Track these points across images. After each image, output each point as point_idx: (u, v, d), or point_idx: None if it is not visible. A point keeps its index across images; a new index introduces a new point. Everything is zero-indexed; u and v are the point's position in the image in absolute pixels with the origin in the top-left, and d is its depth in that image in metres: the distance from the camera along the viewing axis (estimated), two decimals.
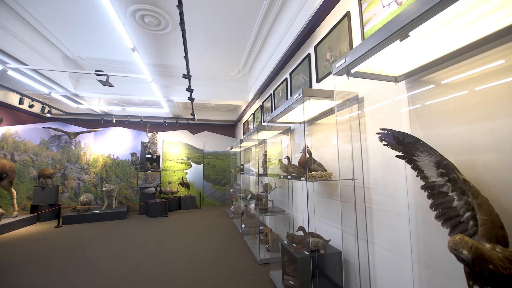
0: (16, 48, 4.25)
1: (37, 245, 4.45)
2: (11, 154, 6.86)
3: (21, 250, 4.15)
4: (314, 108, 2.61)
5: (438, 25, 1.12)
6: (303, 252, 2.46)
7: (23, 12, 3.99)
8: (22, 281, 3.01)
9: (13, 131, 6.94)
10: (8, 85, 5.44)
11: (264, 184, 4.40)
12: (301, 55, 3.70)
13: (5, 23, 3.94)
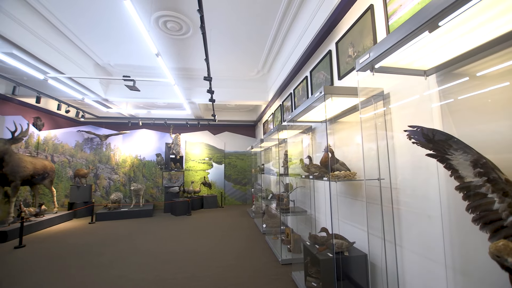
0: (55, 58, 4.63)
1: (74, 239, 4.82)
2: (51, 155, 7.49)
3: (62, 244, 4.51)
4: (336, 106, 2.54)
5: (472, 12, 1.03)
6: (326, 253, 2.40)
7: (60, 24, 4.33)
8: (64, 271, 3.28)
9: (52, 134, 7.58)
10: (48, 93, 5.96)
11: (285, 184, 4.36)
12: (322, 52, 3.62)
13: (45, 36, 4.31)
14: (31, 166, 5.63)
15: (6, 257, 3.89)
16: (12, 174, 5.11)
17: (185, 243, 4.45)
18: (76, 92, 5.99)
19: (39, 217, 5.88)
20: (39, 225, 5.61)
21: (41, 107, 7.00)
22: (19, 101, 6.48)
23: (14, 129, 5.24)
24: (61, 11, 3.99)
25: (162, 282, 2.95)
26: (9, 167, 5.06)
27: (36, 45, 4.19)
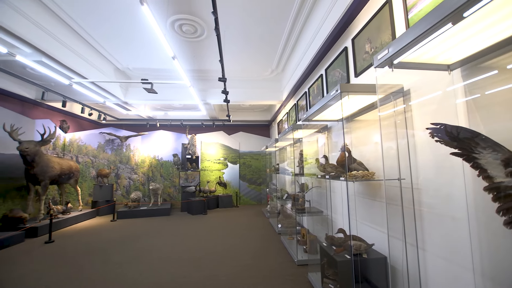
0: (78, 64, 4.88)
1: (98, 236, 5.06)
2: (76, 156, 7.91)
3: (86, 240, 4.76)
4: (353, 104, 2.48)
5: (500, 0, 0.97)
6: (343, 255, 2.35)
7: (83, 32, 4.56)
8: (88, 266, 3.45)
9: (77, 136, 8.00)
10: (73, 97, 6.30)
11: (300, 184, 4.32)
12: (337, 50, 3.54)
13: (70, 43, 4.56)
14: (58, 167, 5.97)
15: (38, 251, 4.16)
16: (41, 174, 5.45)
17: (201, 242, 4.53)
18: (98, 96, 6.28)
19: (66, 214, 6.23)
20: (66, 222, 5.94)
21: (66, 110, 7.41)
22: (47, 106, 6.90)
23: (43, 131, 5.59)
24: (84, 19, 4.20)
25: (180, 279, 3.02)
26: (39, 167, 5.40)
27: (62, 52, 4.45)
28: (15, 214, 5.10)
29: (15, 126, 5.35)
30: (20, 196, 5.81)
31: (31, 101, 6.35)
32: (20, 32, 3.58)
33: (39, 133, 5.67)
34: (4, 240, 4.34)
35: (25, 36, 3.66)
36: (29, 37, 3.72)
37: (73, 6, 3.85)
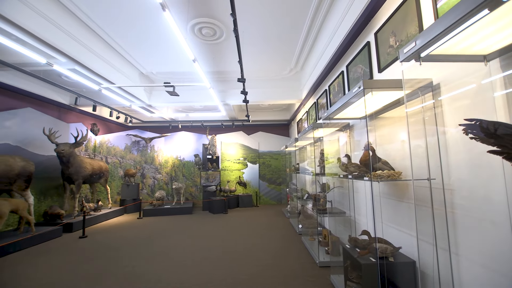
0: (107, 70, 5.19)
1: (126, 232, 5.34)
2: (105, 157, 8.42)
3: (115, 236, 5.04)
4: (376, 101, 2.38)
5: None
6: (368, 258, 2.26)
7: (110, 39, 4.84)
8: (118, 260, 3.66)
9: (106, 138, 8.51)
10: (102, 101, 6.71)
11: (321, 184, 4.23)
12: (359, 45, 3.42)
13: (99, 51, 4.86)
14: (90, 167, 6.39)
15: (74, 245, 4.48)
16: (75, 173, 5.87)
17: (223, 240, 4.60)
18: (124, 100, 6.63)
19: (97, 211, 6.65)
20: (97, 218, 6.34)
21: (96, 114, 7.91)
22: (80, 110, 7.42)
23: (77, 134, 6.02)
24: (111, 28, 4.45)
25: (203, 276, 3.09)
26: (73, 167, 5.82)
27: (93, 60, 4.75)
28: (54, 210, 5.54)
29: (53, 130, 5.80)
30: (58, 194, 6.30)
31: (66, 106, 6.86)
32: (57, 43, 3.88)
33: (73, 136, 6.11)
34: (45, 234, 4.74)
35: (61, 46, 3.96)
36: (64, 48, 4.02)
37: (101, 17, 4.10)
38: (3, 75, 5.00)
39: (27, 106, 5.74)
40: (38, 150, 5.78)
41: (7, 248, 4.03)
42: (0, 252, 3.92)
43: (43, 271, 3.34)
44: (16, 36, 3.54)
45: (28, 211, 4.81)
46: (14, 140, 5.26)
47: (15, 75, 5.17)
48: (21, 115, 5.44)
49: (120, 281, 3.02)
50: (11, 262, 3.70)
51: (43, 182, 5.90)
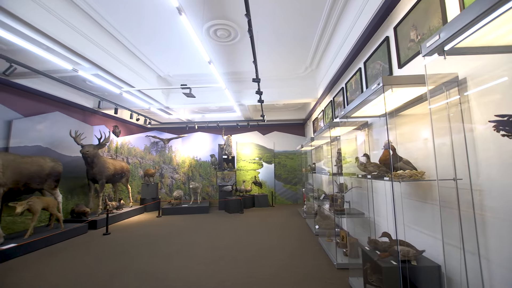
0: (127, 74, 5.40)
1: (146, 230, 5.53)
2: (127, 158, 8.77)
3: (136, 233, 5.24)
4: (397, 98, 2.29)
5: None
6: (389, 261, 2.18)
7: (129, 44, 5.03)
8: (139, 257, 3.80)
9: (127, 140, 8.86)
10: (123, 104, 7.00)
11: (338, 184, 4.14)
12: (377, 40, 3.31)
13: (120, 56, 5.07)
14: (112, 167, 6.69)
15: (98, 241, 4.71)
16: (99, 173, 6.16)
17: (239, 240, 4.63)
18: (143, 102, 6.87)
19: (119, 210, 6.95)
20: (120, 216, 6.62)
21: (118, 117, 8.26)
22: (102, 113, 7.78)
23: (100, 136, 6.32)
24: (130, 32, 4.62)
25: (220, 275, 3.13)
26: (97, 168, 6.12)
27: (114, 65, 4.96)
28: (80, 208, 5.85)
29: (78, 132, 6.13)
30: (83, 193, 6.65)
31: (90, 109, 7.23)
32: (81, 50, 4.09)
33: (97, 138, 6.43)
34: (72, 230, 5.03)
35: (85, 53, 4.17)
36: (88, 54, 4.23)
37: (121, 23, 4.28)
38: (35, 82, 5.35)
39: (56, 110, 6.11)
40: (65, 151, 6.14)
41: (40, 243, 4.32)
42: (34, 246, 4.21)
43: (71, 265, 3.54)
44: (46, 45, 3.77)
45: (57, 209, 5.12)
46: (45, 142, 5.62)
47: (45, 81, 5.52)
48: (50, 119, 5.81)
49: (141, 277, 3.13)
50: (45, 255, 3.96)
51: (70, 181, 6.25)
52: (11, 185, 4.25)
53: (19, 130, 5.07)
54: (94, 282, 3.00)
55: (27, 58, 4.54)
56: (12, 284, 3.00)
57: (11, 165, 4.26)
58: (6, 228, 4.65)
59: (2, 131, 4.83)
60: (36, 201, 4.39)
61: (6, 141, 4.88)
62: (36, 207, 4.35)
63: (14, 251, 3.93)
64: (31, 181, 4.60)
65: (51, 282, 3.04)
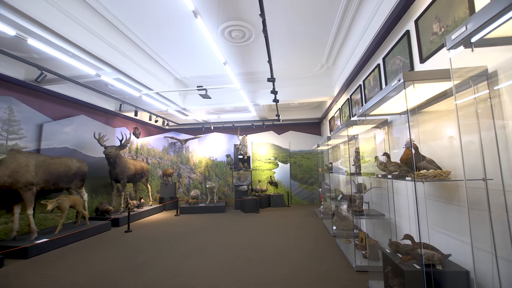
0: (146, 78, 5.60)
1: (165, 228, 5.70)
2: (146, 158, 9.08)
3: (156, 231, 5.42)
4: (419, 94, 2.19)
5: None
6: (412, 265, 2.09)
7: (148, 49, 5.20)
8: (159, 254, 3.93)
9: (146, 141, 9.18)
10: (142, 107, 7.26)
11: (357, 184, 4.03)
12: (397, 35, 3.18)
13: (139, 60, 5.26)
14: (133, 167, 6.96)
15: (120, 238, 4.92)
16: (121, 173, 6.44)
17: (255, 239, 4.64)
18: (161, 104, 7.08)
19: (140, 208, 7.21)
20: (140, 215, 6.87)
21: (137, 119, 8.59)
22: (123, 116, 8.12)
23: (121, 138, 6.59)
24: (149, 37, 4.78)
25: (236, 274, 3.16)
26: (119, 168, 6.39)
27: (134, 69, 5.16)
28: (104, 207, 6.14)
29: (101, 134, 6.44)
30: (106, 192, 6.97)
31: (112, 112, 7.57)
32: (103, 55, 4.29)
33: (118, 139, 6.71)
34: (97, 227, 5.29)
35: (107, 58, 4.37)
36: (109, 59, 4.43)
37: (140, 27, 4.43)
38: (62, 87, 5.69)
39: (81, 113, 6.46)
40: (90, 152, 6.47)
41: (68, 239, 4.59)
42: (63, 242, 4.48)
43: (96, 260, 3.73)
44: (72, 52, 4.00)
45: (83, 207, 5.40)
46: (71, 143, 5.96)
47: (71, 86, 5.85)
48: (76, 122, 6.15)
49: (161, 273, 3.23)
50: (73, 250, 4.21)
51: (94, 181, 6.58)
52: (43, 184, 4.55)
53: (49, 133, 5.42)
54: (119, 277, 3.14)
55: (55, 65, 4.85)
56: (44, 276, 3.21)
57: (42, 166, 4.56)
58: (39, 224, 4.99)
59: (34, 134, 5.18)
60: (64, 199, 4.67)
61: (38, 143, 5.24)
62: (64, 205, 4.63)
63: (46, 245, 4.20)
64: (59, 180, 4.89)
65: (78, 276, 3.22)
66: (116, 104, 7.49)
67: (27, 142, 5.02)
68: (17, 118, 4.87)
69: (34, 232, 4.31)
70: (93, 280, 3.09)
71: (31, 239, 4.19)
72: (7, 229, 4.46)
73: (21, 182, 4.16)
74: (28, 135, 5.06)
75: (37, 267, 3.53)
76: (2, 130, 4.60)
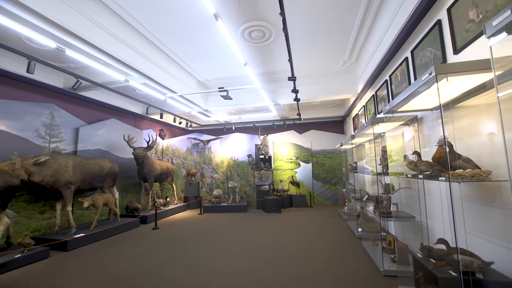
0: (170, 81, 5.82)
1: (190, 226, 5.89)
2: (171, 159, 9.45)
3: (181, 229, 5.61)
4: (453, 88, 2.03)
5: None
6: (447, 271, 1.95)
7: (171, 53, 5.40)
8: (185, 251, 4.07)
9: (171, 142, 9.55)
10: (167, 109, 7.56)
11: (384, 184, 3.84)
12: (426, 26, 2.98)
13: (164, 65, 5.49)
14: (159, 167, 7.27)
15: (148, 235, 5.17)
16: (148, 173, 6.76)
17: (277, 239, 4.62)
18: (185, 106, 7.33)
19: (166, 207, 7.52)
20: (166, 213, 7.17)
21: (163, 121, 8.96)
22: (150, 118, 8.52)
23: (148, 139, 6.92)
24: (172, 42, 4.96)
25: (259, 273, 3.17)
26: (147, 168, 6.71)
27: (158, 73, 5.40)
28: (133, 205, 6.50)
29: (130, 136, 6.81)
30: (135, 191, 7.37)
31: (140, 115, 7.98)
32: (131, 62, 4.54)
33: (145, 141, 7.06)
34: (127, 224, 5.61)
35: (134, 64, 4.61)
36: (136, 65, 4.68)
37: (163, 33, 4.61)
38: (95, 93, 6.12)
39: (112, 117, 6.89)
40: (120, 154, 6.88)
41: (102, 234, 4.92)
42: (98, 237, 4.82)
43: (127, 255, 3.95)
44: (104, 60, 4.28)
45: (115, 205, 5.76)
46: (104, 145, 6.39)
47: (102, 92, 6.27)
48: (108, 125, 6.57)
49: (186, 269, 3.34)
50: (106, 245, 4.50)
51: (124, 180, 6.98)
52: (80, 183, 4.92)
53: (84, 136, 5.85)
54: (148, 271, 3.30)
55: (89, 73, 5.23)
56: (83, 268, 3.47)
57: (79, 166, 4.94)
58: (77, 220, 5.41)
59: (72, 137, 5.63)
60: (98, 197, 5.01)
61: (75, 145, 5.68)
62: (98, 203, 4.97)
63: (83, 240, 4.54)
64: (94, 180, 5.26)
65: (111, 269, 3.44)
66: (143, 108, 7.88)
67: (66, 145, 5.47)
68: (57, 123, 5.33)
69: (73, 227, 4.68)
70: (125, 273, 3.28)
71: (71, 233, 4.55)
72: (50, 224, 4.91)
73: (62, 181, 4.53)
74: (66, 138, 5.51)
75: (76, 259, 3.83)
76: (45, 134, 5.06)
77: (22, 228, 4.48)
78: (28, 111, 4.80)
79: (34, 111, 4.90)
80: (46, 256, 3.92)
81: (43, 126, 5.03)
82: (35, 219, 4.71)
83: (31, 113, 4.84)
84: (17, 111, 4.63)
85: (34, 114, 4.90)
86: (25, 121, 4.73)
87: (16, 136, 4.59)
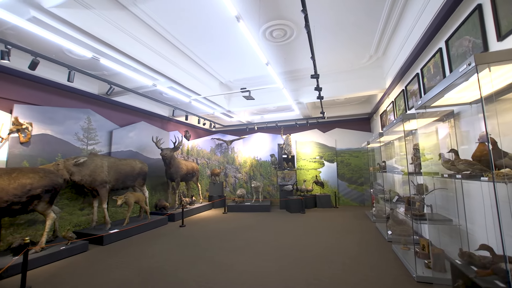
0: (194, 84, 6.01)
1: (215, 225, 6.03)
2: (196, 159, 9.75)
3: (207, 227, 5.77)
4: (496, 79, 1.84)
5: None
6: (492, 281, 1.77)
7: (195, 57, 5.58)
8: (210, 249, 4.17)
9: (196, 143, 9.85)
10: (191, 111, 7.82)
11: (416, 185, 3.61)
12: (464, 12, 2.74)
13: (187, 68, 5.68)
14: (185, 167, 7.54)
15: (176, 232, 5.39)
16: (175, 173, 7.04)
17: (301, 240, 4.55)
18: (209, 108, 7.52)
19: (191, 205, 7.77)
20: (192, 211, 7.41)
21: (188, 123, 9.28)
22: (176, 120, 8.87)
23: (175, 140, 7.21)
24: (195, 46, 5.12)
25: (283, 273, 3.14)
26: (174, 168, 7.00)
27: (183, 77, 5.60)
28: (161, 203, 6.81)
29: (158, 138, 7.15)
30: (163, 190, 7.71)
31: (166, 118, 8.35)
32: (158, 67, 4.76)
33: (172, 142, 7.37)
34: (156, 221, 5.90)
35: (161, 69, 4.84)
36: (163, 70, 4.90)
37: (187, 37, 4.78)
38: (126, 98, 6.53)
39: (141, 120, 7.29)
40: (149, 154, 7.26)
41: (134, 230, 5.23)
42: (130, 233, 5.13)
43: (157, 251, 4.15)
44: (134, 67, 4.55)
45: (145, 203, 6.08)
46: (135, 147, 6.78)
47: (133, 97, 6.66)
48: (138, 127, 6.96)
49: (212, 266, 3.42)
50: (137, 241, 4.78)
51: (153, 180, 7.35)
52: (114, 182, 5.28)
53: (117, 138, 6.26)
54: (176, 268, 3.44)
55: (120, 79, 5.59)
56: (117, 262, 3.72)
57: (113, 167, 5.30)
58: (111, 217, 5.81)
59: (106, 139, 6.06)
60: (130, 196, 5.33)
61: (109, 147, 6.10)
62: (130, 201, 5.29)
63: (117, 235, 4.86)
64: (126, 179, 5.61)
65: (142, 264, 3.63)
66: (169, 110, 8.24)
67: (101, 147, 5.90)
68: (94, 127, 5.76)
69: (108, 223, 5.03)
70: (154, 268, 3.45)
71: (106, 229, 4.90)
72: (89, 220, 5.33)
73: (98, 181, 4.90)
74: (102, 141, 5.93)
75: (111, 253, 4.11)
76: (84, 137, 5.50)
77: (65, 223, 4.92)
78: (69, 116, 5.26)
79: (74, 116, 5.35)
80: (85, 249, 4.27)
81: (82, 130, 5.47)
82: (76, 215, 5.15)
83: (71, 118, 5.30)
84: (59, 116, 5.09)
85: (74, 119, 5.35)
86: (66, 126, 5.19)
87: (59, 139, 5.05)
